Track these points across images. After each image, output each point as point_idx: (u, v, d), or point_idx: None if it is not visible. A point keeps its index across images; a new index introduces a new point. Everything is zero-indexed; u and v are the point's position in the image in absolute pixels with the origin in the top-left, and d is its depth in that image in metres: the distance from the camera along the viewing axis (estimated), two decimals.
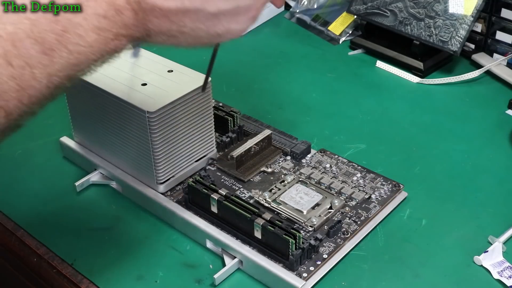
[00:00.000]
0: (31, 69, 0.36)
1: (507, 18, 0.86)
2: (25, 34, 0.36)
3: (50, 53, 0.37)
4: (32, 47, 0.36)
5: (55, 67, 0.37)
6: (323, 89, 0.88)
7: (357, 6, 0.95)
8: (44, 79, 0.37)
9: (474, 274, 0.58)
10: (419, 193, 0.67)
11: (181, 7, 0.39)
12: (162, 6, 0.39)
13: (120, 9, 0.39)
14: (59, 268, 0.60)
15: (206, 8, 0.40)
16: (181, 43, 0.42)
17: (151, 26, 0.40)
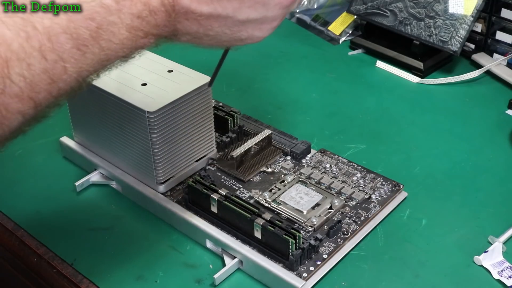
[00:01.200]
0: (64, 63, 0.37)
1: (507, 18, 0.86)
2: (62, 29, 0.37)
3: (83, 49, 0.37)
4: (67, 42, 0.37)
5: (87, 62, 0.38)
6: (323, 89, 0.88)
7: (357, 6, 0.95)
8: (74, 73, 0.38)
9: (474, 274, 0.58)
10: (419, 193, 0.67)
11: (213, 12, 0.40)
12: (196, 10, 0.40)
13: (155, 10, 0.39)
14: (59, 268, 0.60)
15: (236, 15, 0.41)
16: (203, 43, 0.44)
17: (180, 27, 0.41)
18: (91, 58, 0.38)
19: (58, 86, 0.38)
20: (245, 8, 0.41)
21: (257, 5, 0.41)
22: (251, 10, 0.41)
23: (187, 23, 0.41)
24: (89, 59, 0.38)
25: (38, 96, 0.38)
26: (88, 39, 0.38)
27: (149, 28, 0.40)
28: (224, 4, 0.40)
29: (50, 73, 0.37)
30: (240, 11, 0.41)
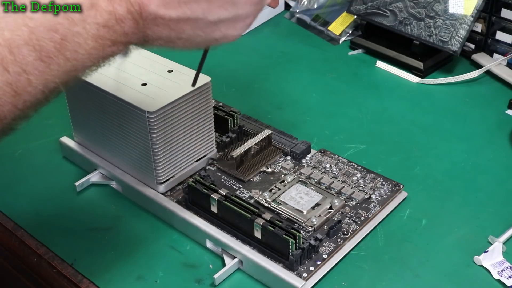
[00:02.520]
0: (27, 76, 0.36)
1: (507, 18, 0.86)
2: (23, 41, 0.36)
3: (47, 60, 0.37)
4: (30, 54, 0.36)
5: (52, 73, 0.37)
6: (323, 89, 0.88)
7: (357, 6, 0.95)
8: (40, 85, 0.37)
9: (474, 274, 0.58)
10: (419, 193, 0.67)
11: (182, 16, 0.40)
12: (164, 16, 0.40)
13: (121, 18, 0.39)
14: (59, 268, 0.60)
15: (206, 16, 0.40)
16: (178, 47, 0.43)
17: (150, 33, 0.41)
18: (57, 69, 0.37)
19: (23, 99, 0.37)
20: (215, 9, 0.40)
21: (226, 5, 0.41)
22: (221, 10, 0.41)
23: (157, 29, 0.40)
24: (54, 70, 0.37)
25: (3, 109, 0.37)
26: (52, 50, 0.37)
27: (116, 37, 0.39)
28: (193, 6, 0.40)
29: (14, 86, 0.36)
30: (210, 12, 0.40)
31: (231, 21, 0.42)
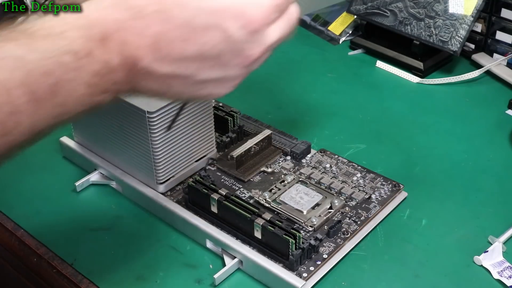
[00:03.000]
0: (16, 117, 0.36)
1: (507, 18, 0.86)
2: (19, 82, 0.36)
3: (37, 103, 0.37)
4: (23, 95, 0.36)
5: (40, 116, 0.38)
6: (323, 89, 0.88)
7: (357, 6, 0.95)
8: (27, 127, 0.37)
9: (474, 274, 0.58)
10: (419, 193, 0.67)
11: (174, 73, 0.40)
12: (156, 71, 0.40)
13: (114, 69, 0.39)
14: (59, 268, 0.60)
15: (197, 75, 0.41)
16: (164, 97, 0.44)
17: (140, 85, 0.41)
18: (46, 113, 0.38)
19: (8, 139, 0.37)
20: (206, 69, 0.41)
21: (218, 65, 0.41)
22: (212, 70, 0.41)
23: (147, 82, 0.41)
24: (43, 114, 0.37)
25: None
26: (45, 94, 0.37)
27: (107, 86, 0.39)
28: (186, 64, 0.40)
29: (2, 126, 0.36)
30: (201, 72, 0.41)
31: (220, 81, 0.42)
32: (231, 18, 0.39)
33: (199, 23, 0.39)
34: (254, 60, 0.42)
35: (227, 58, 0.40)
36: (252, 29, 0.40)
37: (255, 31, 0.40)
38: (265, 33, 0.41)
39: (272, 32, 0.41)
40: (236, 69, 0.42)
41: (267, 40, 0.41)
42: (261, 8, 0.40)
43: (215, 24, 0.39)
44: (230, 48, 0.40)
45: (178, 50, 0.39)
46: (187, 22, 0.38)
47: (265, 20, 0.40)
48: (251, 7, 0.39)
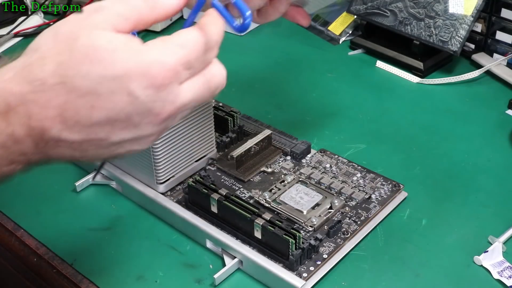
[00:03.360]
0: None
1: (507, 18, 0.86)
2: None
3: None
4: None
5: None
6: (323, 89, 0.88)
7: (357, 6, 0.95)
8: None
9: (474, 274, 0.58)
10: (419, 193, 0.67)
11: (86, 138, 0.39)
12: (67, 139, 0.39)
13: (20, 140, 0.39)
14: (59, 268, 0.60)
15: (109, 138, 0.40)
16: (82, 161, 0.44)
17: (52, 153, 0.40)
18: None
19: None
20: (118, 131, 0.40)
21: (129, 127, 0.40)
22: (124, 132, 0.40)
23: (60, 149, 0.40)
24: None
25: None
26: None
27: (14, 157, 0.39)
28: (96, 130, 0.39)
29: None
30: (113, 134, 0.40)
31: (135, 140, 0.41)
32: (135, 80, 0.38)
33: (104, 90, 0.38)
34: (165, 118, 0.40)
35: (137, 119, 0.39)
36: (158, 88, 0.39)
37: (160, 90, 0.39)
38: (174, 92, 0.40)
39: (184, 91, 0.40)
40: (148, 128, 0.40)
41: (177, 99, 0.40)
42: (164, 66, 0.39)
43: (119, 89, 0.38)
44: (139, 109, 0.39)
45: (86, 118, 0.38)
46: (91, 91, 0.38)
47: (170, 79, 0.39)
48: (155, 66, 0.38)
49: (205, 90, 0.42)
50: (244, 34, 1.03)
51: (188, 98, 0.41)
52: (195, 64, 0.41)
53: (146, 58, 0.38)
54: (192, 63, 0.40)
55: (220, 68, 0.43)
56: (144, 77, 0.38)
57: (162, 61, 0.39)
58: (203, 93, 0.42)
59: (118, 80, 0.38)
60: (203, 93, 0.42)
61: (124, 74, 0.38)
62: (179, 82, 0.40)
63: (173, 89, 0.40)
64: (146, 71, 0.38)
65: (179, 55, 0.39)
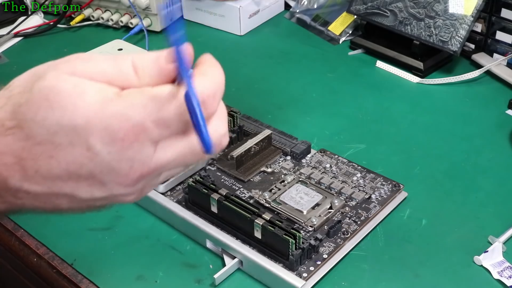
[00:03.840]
0: None
1: (507, 18, 0.86)
2: None
3: None
4: None
5: None
6: (323, 89, 0.88)
7: (357, 6, 0.95)
8: None
9: (474, 274, 0.58)
10: (419, 193, 0.67)
11: (50, 192, 0.36)
12: (29, 190, 0.35)
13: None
14: (59, 268, 0.60)
15: (78, 194, 0.36)
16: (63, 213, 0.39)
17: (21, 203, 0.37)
18: None
19: None
20: (85, 187, 0.35)
21: (96, 185, 0.35)
22: (92, 189, 0.35)
23: (28, 201, 0.36)
24: None
25: None
26: None
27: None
28: (59, 184, 0.35)
29: None
30: (81, 190, 0.35)
31: (110, 198, 0.36)
32: (95, 134, 0.33)
33: (61, 140, 0.33)
34: (136, 179, 0.35)
35: (101, 177, 0.34)
36: (121, 146, 0.33)
37: (125, 148, 0.33)
38: (144, 151, 0.34)
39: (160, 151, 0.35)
40: (120, 188, 0.35)
41: (150, 159, 0.34)
42: (129, 122, 0.33)
43: (78, 141, 0.33)
44: (101, 167, 0.34)
45: (45, 168, 0.34)
46: (47, 139, 0.33)
47: (136, 136, 0.33)
48: (118, 120, 0.33)
49: (191, 155, 0.36)
50: (244, 34, 1.03)
51: (167, 159, 0.35)
52: (173, 123, 0.34)
53: (111, 109, 0.33)
54: (169, 122, 0.34)
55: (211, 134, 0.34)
56: (105, 132, 0.33)
57: (128, 115, 0.33)
58: (188, 158, 0.36)
59: (77, 131, 0.33)
60: (188, 158, 0.36)
61: (84, 125, 0.33)
62: (150, 140, 0.34)
63: (143, 148, 0.34)
64: (108, 125, 0.33)
65: (149, 110, 0.33)
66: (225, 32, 1.03)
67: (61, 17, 1.03)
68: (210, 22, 1.05)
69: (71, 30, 1.05)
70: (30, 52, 0.98)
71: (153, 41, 1.00)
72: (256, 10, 1.03)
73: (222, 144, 0.36)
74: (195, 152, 0.35)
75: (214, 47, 0.99)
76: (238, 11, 1.00)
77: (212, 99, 0.34)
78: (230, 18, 1.02)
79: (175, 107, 0.33)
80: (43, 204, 0.37)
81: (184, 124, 0.34)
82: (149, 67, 0.35)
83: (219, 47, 0.99)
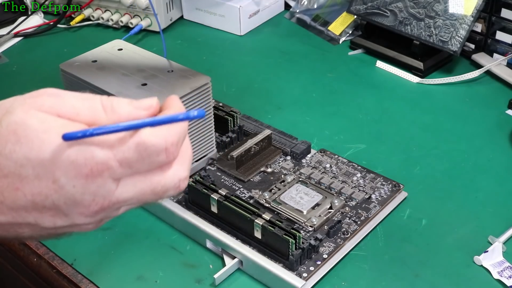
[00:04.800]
0: None
1: (507, 18, 0.86)
2: None
3: None
4: None
5: None
6: (323, 89, 0.88)
7: (357, 6, 0.95)
8: None
9: (474, 274, 0.58)
10: (419, 193, 0.67)
11: (14, 221, 0.37)
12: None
13: None
14: (59, 268, 0.60)
15: (41, 223, 0.37)
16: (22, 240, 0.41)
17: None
18: None
19: None
20: (48, 217, 0.37)
21: (59, 215, 0.37)
22: (55, 219, 0.37)
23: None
24: None
25: None
26: None
27: None
28: (22, 214, 0.36)
29: None
30: (44, 220, 0.37)
31: (71, 227, 0.38)
32: (61, 169, 0.35)
33: (28, 173, 0.35)
34: (97, 211, 0.37)
35: (65, 208, 0.36)
36: (85, 180, 0.35)
37: (89, 183, 0.35)
38: (106, 187, 0.36)
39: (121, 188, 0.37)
40: (81, 218, 0.37)
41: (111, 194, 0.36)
42: (94, 159, 0.35)
43: (45, 174, 0.35)
44: (65, 199, 0.36)
45: (11, 200, 0.36)
46: (14, 172, 0.35)
47: (100, 173, 0.35)
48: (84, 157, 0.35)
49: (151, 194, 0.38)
50: (244, 34, 1.03)
51: (127, 195, 0.37)
52: (136, 165, 0.36)
53: (76, 147, 0.35)
54: (133, 163, 0.36)
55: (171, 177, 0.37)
56: (71, 166, 0.35)
57: (94, 152, 0.35)
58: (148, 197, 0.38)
59: (44, 165, 0.35)
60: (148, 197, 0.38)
61: (51, 159, 0.35)
62: (112, 177, 0.36)
63: (106, 183, 0.36)
64: (73, 160, 0.35)
65: (115, 150, 0.35)
66: (225, 32, 1.03)
67: (61, 17, 1.03)
68: (210, 22, 1.05)
69: (71, 30, 1.05)
70: (30, 52, 0.98)
71: (153, 41, 1.00)
72: (256, 10, 1.03)
73: (180, 187, 0.38)
74: (155, 191, 0.37)
75: (214, 47, 0.99)
76: (238, 11, 1.00)
77: (175, 147, 0.36)
78: (230, 18, 1.02)
79: (140, 150, 0.35)
80: (5, 232, 0.38)
81: (147, 165, 0.36)
82: (119, 108, 0.37)
83: (219, 47, 0.99)
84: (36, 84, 0.87)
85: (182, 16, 1.08)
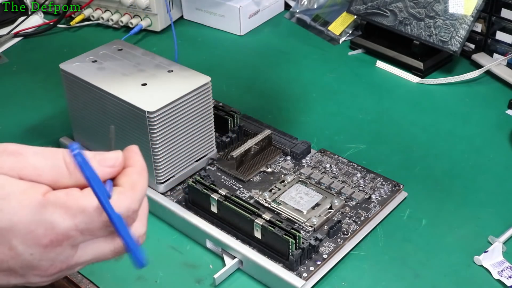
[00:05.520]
0: None
1: (507, 18, 0.86)
2: None
3: None
4: None
5: None
6: (323, 89, 0.88)
7: (357, 6, 0.95)
8: None
9: (474, 274, 0.58)
10: (419, 193, 0.67)
11: None
12: None
13: None
14: None
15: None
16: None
17: None
18: None
19: None
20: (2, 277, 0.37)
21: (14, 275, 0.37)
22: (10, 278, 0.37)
23: None
24: None
25: None
26: None
27: None
28: None
29: None
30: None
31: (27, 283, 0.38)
32: (18, 237, 0.35)
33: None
34: (55, 273, 0.37)
35: (21, 271, 0.37)
36: (44, 249, 0.35)
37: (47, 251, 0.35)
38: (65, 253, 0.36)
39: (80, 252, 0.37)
40: (37, 278, 0.37)
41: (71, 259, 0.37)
42: (54, 230, 0.35)
43: (0, 241, 0.35)
44: (22, 265, 0.36)
45: None
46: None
47: (60, 242, 0.35)
48: (43, 227, 0.35)
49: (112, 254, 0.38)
50: (244, 34, 1.03)
51: (86, 258, 0.38)
52: (98, 232, 0.37)
53: (38, 217, 0.35)
54: (95, 231, 0.36)
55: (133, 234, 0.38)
56: (29, 236, 0.35)
57: (54, 223, 0.35)
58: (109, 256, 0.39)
59: (1, 232, 0.35)
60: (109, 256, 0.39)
61: (9, 227, 0.35)
62: (72, 245, 0.36)
63: (65, 250, 0.36)
64: (32, 230, 0.35)
65: (77, 221, 0.35)
66: (225, 32, 1.03)
67: (61, 17, 1.03)
68: (210, 22, 1.05)
69: (71, 30, 1.05)
70: (30, 52, 0.98)
71: (153, 41, 1.00)
72: (256, 10, 1.03)
73: (139, 243, 0.39)
74: (116, 251, 0.38)
75: (214, 47, 0.99)
76: (238, 11, 1.00)
77: (135, 213, 0.37)
78: (230, 18, 1.02)
79: (102, 220, 0.36)
80: None
81: (109, 231, 0.37)
82: None
83: (219, 47, 0.99)
84: (36, 84, 0.87)
85: (182, 16, 1.08)
